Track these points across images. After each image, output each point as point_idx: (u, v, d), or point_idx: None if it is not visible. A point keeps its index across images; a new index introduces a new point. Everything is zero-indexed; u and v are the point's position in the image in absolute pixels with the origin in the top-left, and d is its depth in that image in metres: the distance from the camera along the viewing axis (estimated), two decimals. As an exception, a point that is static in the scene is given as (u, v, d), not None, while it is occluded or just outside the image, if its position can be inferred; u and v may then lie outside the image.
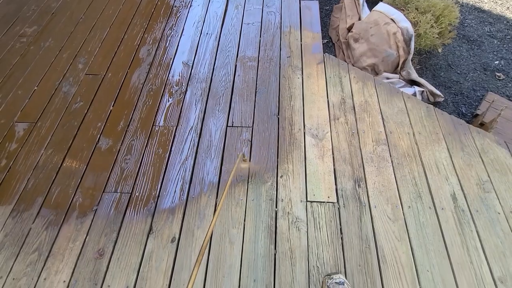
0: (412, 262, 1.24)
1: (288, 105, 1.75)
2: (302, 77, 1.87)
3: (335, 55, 2.59)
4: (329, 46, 2.69)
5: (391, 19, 2.18)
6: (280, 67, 1.94)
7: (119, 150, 1.65)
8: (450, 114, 2.22)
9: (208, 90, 1.87)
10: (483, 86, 2.31)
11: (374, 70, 2.31)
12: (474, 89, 2.30)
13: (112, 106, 1.84)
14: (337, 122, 1.65)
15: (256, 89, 1.84)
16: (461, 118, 2.18)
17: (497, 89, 2.29)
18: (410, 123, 1.62)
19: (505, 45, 2.54)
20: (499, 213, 1.32)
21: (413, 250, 1.26)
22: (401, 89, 2.15)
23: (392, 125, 1.62)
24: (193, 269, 0.69)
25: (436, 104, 2.21)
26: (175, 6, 2.42)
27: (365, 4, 2.82)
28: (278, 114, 1.72)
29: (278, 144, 1.61)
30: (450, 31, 2.15)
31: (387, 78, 2.27)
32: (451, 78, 2.36)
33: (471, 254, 1.25)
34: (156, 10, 2.41)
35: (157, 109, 1.80)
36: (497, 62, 2.44)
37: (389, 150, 1.53)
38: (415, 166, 1.48)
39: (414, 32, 2.09)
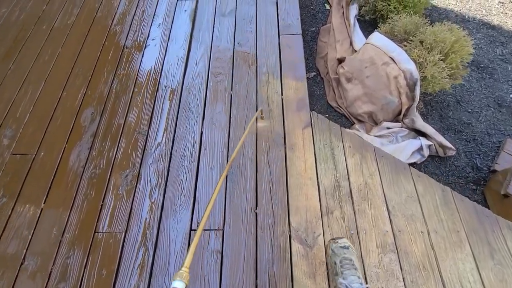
0: None
1: (268, 194, 1.38)
2: (285, 149, 1.49)
3: (324, 93, 2.20)
4: (317, 81, 2.28)
5: (391, 57, 1.78)
6: (256, 135, 1.55)
7: (50, 273, 1.26)
8: (462, 168, 1.89)
9: (166, 173, 1.47)
10: (499, 129, 1.97)
11: (372, 118, 1.93)
12: (488, 133, 1.95)
13: (44, 203, 1.43)
14: (331, 218, 1.30)
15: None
16: (476, 174, 1.85)
17: (516, 131, 1.96)
18: (423, 216, 1.28)
19: (520, 72, 2.19)
20: None
21: None
22: (406, 143, 1.80)
23: (400, 220, 1.28)
24: None
25: (446, 157, 1.87)
26: (126, 47, 1.96)
27: (357, 25, 2.40)
28: (256, 208, 1.35)
29: (256, 256, 1.24)
30: (462, 69, 1.77)
31: (388, 128, 1.90)
32: (461, 119, 2.01)
33: None
34: (103, 53, 1.95)
35: (101, 206, 1.40)
36: (513, 95, 2.09)
37: (399, 260, 1.19)
38: (433, 285, 1.14)
39: (420, 75, 1.71)
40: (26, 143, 1.62)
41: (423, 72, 1.70)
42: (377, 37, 1.93)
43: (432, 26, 1.85)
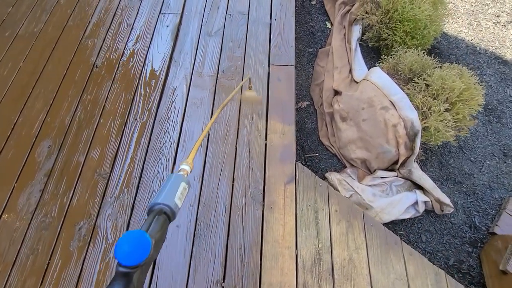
0: None
1: (239, 264, 1.21)
2: (263, 208, 1.31)
3: (316, 128, 2.01)
4: (310, 112, 2.09)
5: (391, 101, 1.59)
6: (232, 188, 1.37)
7: None
8: (459, 227, 1.73)
9: (126, 228, 1.29)
10: (503, 183, 1.80)
11: (365, 164, 1.76)
12: (490, 187, 1.79)
13: (-18, 256, 1.25)
14: (307, 300, 1.14)
15: (195, 230, 1.28)
16: (473, 234, 1.69)
17: (520, 187, 1.80)
18: (412, 306, 1.12)
19: (531, 118, 2.01)
20: None
21: None
22: (400, 197, 1.63)
23: (385, 309, 1.12)
24: None
25: (443, 215, 1.71)
26: (96, 66, 1.74)
27: (359, 50, 2.19)
28: (223, 282, 1.19)
29: None
30: (470, 120, 1.59)
31: (382, 177, 1.73)
32: (463, 169, 1.84)
33: None
34: (69, 71, 1.72)
35: (48, 265, 1.22)
36: (521, 144, 1.92)
37: None
38: None
39: (422, 125, 1.52)
40: (-29, 177, 1.42)
41: (425, 123, 1.52)
42: (378, 74, 1.72)
43: (441, 67, 1.66)
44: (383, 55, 1.94)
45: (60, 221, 1.31)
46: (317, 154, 1.87)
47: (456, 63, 1.99)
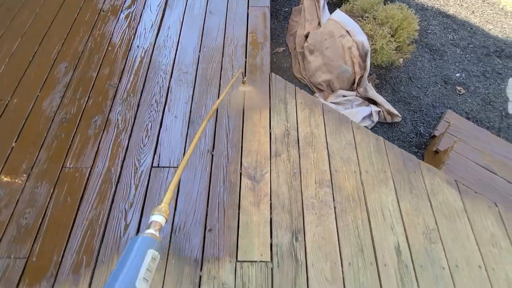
0: (348, 332, 1.11)
1: (225, 139, 1.53)
2: (244, 103, 1.65)
3: (291, 66, 2.37)
4: (285, 55, 2.46)
5: (347, 31, 1.97)
6: (219, 90, 1.70)
7: (18, 201, 1.37)
8: (407, 134, 2.10)
9: (133, 119, 1.60)
10: (443, 102, 2.19)
11: (330, 86, 2.12)
12: (433, 106, 2.17)
13: (15, 142, 1.53)
14: (278, 160, 1.46)
15: (189, 120, 1.59)
16: (419, 139, 2.07)
17: (457, 105, 2.19)
18: (358, 160, 1.46)
19: (467, 55, 2.42)
20: (443, 268, 1.21)
21: (351, 318, 1.13)
22: (358, 109, 1.99)
23: (338, 162, 1.45)
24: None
25: (394, 124, 2.08)
26: (103, 11, 2.07)
27: (326, 7, 2.59)
28: (213, 150, 1.50)
29: (209, 189, 1.39)
30: (409, 44, 1.98)
31: (344, 96, 2.09)
32: (411, 93, 2.22)
33: (412, 318, 1.13)
34: (80, 15, 2.04)
35: (70, 145, 1.51)
36: (458, 74, 2.32)
37: (333, 193, 1.37)
38: (359, 212, 1.33)
39: (371, 47, 1.90)
40: (0, 91, 1.70)
41: (374, 44, 1.90)
42: (338, 14, 2.11)
43: (385, 4, 2.06)
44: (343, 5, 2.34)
45: (78, 116, 1.60)
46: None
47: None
